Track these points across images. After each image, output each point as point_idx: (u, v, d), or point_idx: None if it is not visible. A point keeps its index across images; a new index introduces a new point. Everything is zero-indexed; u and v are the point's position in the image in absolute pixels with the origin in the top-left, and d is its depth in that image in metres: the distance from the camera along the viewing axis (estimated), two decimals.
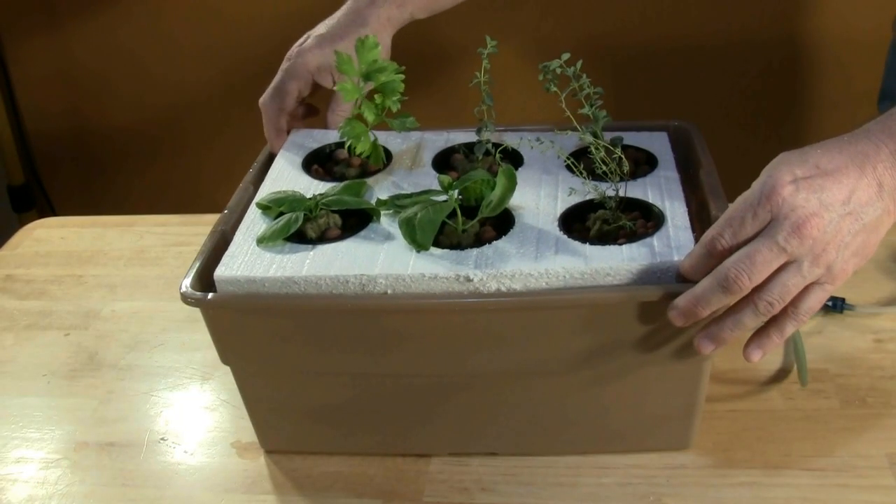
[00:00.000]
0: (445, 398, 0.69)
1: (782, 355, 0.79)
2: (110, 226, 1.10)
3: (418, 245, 0.67)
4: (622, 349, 0.65)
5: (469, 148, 0.80)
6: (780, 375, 0.77)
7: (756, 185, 0.61)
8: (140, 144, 1.99)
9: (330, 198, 0.73)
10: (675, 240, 0.66)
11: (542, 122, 0.82)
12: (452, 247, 0.67)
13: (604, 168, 0.70)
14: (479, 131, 0.79)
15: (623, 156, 0.70)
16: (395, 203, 0.72)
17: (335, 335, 0.66)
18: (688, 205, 0.70)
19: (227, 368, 0.70)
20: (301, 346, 0.67)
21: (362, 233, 0.70)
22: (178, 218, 1.10)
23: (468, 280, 0.64)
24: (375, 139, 0.80)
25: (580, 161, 0.74)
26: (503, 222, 0.70)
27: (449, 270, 0.64)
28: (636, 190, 0.72)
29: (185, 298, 0.65)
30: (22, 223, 1.24)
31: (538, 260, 0.65)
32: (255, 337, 0.67)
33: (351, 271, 0.65)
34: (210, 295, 0.65)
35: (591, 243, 0.66)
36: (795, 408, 0.73)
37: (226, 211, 0.75)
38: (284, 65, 0.87)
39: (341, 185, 0.76)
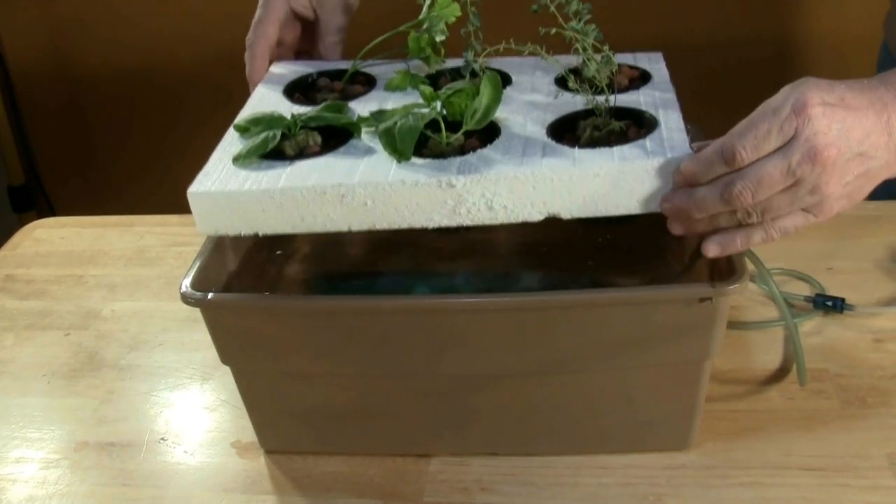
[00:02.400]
0: (445, 398, 0.69)
1: (781, 355, 0.79)
2: (110, 226, 1.10)
3: (399, 154, 0.65)
4: (622, 349, 0.65)
5: (456, 72, 0.79)
6: (780, 375, 0.77)
7: (780, 98, 0.60)
8: (141, 144, 1.99)
9: (309, 115, 0.71)
10: (670, 140, 0.64)
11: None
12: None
13: (595, 75, 0.68)
14: (466, 52, 0.76)
15: (616, 68, 0.68)
16: (377, 119, 0.70)
17: (335, 335, 0.66)
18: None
19: (227, 368, 0.70)
20: (301, 346, 0.67)
21: (342, 149, 0.68)
22: (178, 218, 1.09)
23: (451, 186, 0.62)
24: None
25: (572, 79, 0.72)
26: (489, 136, 0.68)
27: (430, 177, 0.62)
28: (629, 101, 0.71)
29: (185, 298, 0.65)
30: (22, 223, 1.24)
31: (524, 164, 0.63)
32: (255, 337, 0.67)
33: (329, 181, 0.63)
34: (210, 295, 0.65)
35: (581, 148, 0.65)
36: (795, 408, 0.73)
37: None
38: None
39: (321, 105, 0.75)
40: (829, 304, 0.82)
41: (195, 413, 0.80)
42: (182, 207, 1.11)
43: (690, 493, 0.67)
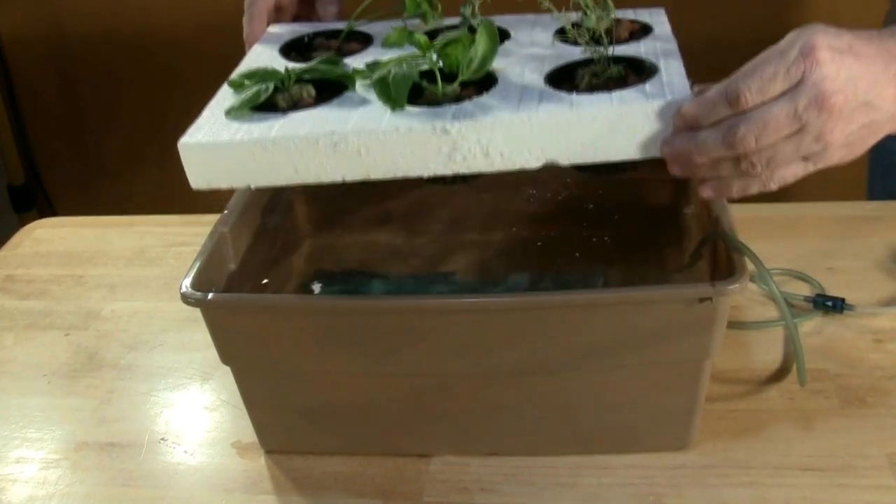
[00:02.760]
0: (445, 398, 0.69)
1: (781, 355, 0.79)
2: (110, 226, 1.10)
3: (393, 102, 0.64)
4: (622, 349, 0.65)
5: (454, 29, 0.77)
6: (780, 375, 0.77)
7: (787, 41, 0.59)
8: (141, 145, 1.99)
9: (303, 68, 0.70)
10: (670, 84, 0.63)
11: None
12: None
13: (595, 25, 0.66)
14: (463, 7, 0.75)
15: (615, 17, 0.67)
16: (372, 70, 0.69)
17: (335, 335, 0.66)
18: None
19: (227, 368, 0.70)
20: (301, 346, 0.67)
21: (336, 100, 0.67)
22: (178, 218, 1.09)
23: (445, 132, 0.61)
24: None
25: (570, 29, 0.70)
26: (486, 86, 0.67)
27: (425, 124, 0.62)
28: (630, 51, 0.70)
29: (186, 298, 0.65)
30: (22, 223, 1.24)
31: (520, 110, 0.62)
32: (255, 337, 0.67)
33: (321, 130, 0.62)
34: (210, 295, 0.65)
35: (579, 94, 0.64)
36: (795, 407, 0.73)
37: (226, 211, 0.75)
38: None
39: (316, 59, 0.74)
40: (829, 304, 0.82)
41: (195, 413, 0.80)
42: (182, 208, 1.12)
43: (690, 493, 0.67)
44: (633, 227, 0.86)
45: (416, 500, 0.69)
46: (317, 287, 0.83)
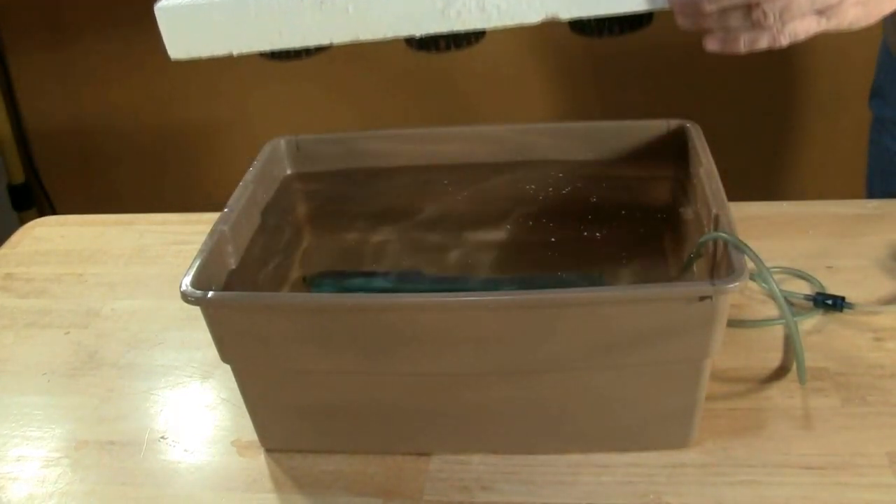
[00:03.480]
0: (445, 397, 0.69)
1: (781, 353, 0.79)
2: (110, 224, 1.10)
3: None
4: (622, 347, 0.65)
5: None
6: (780, 374, 0.77)
7: None
8: (140, 143, 1.99)
9: None
10: None
11: None
12: None
13: None
14: None
15: None
16: None
17: (335, 335, 0.66)
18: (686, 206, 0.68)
19: (227, 367, 0.70)
20: (301, 345, 0.67)
21: None
22: (178, 217, 1.10)
23: None
24: None
25: None
26: None
27: None
28: None
29: (186, 297, 0.65)
30: (22, 222, 1.24)
31: None
32: (255, 335, 0.67)
33: None
34: (210, 293, 0.65)
35: None
36: (795, 406, 0.73)
37: (226, 209, 0.75)
38: None
39: None
40: (830, 303, 0.82)
41: (195, 411, 0.80)
42: (183, 206, 1.12)
43: (690, 492, 0.67)
44: (632, 225, 0.86)
45: (416, 498, 0.69)
46: (317, 286, 0.83)
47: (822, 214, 0.97)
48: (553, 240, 0.87)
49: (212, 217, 0.74)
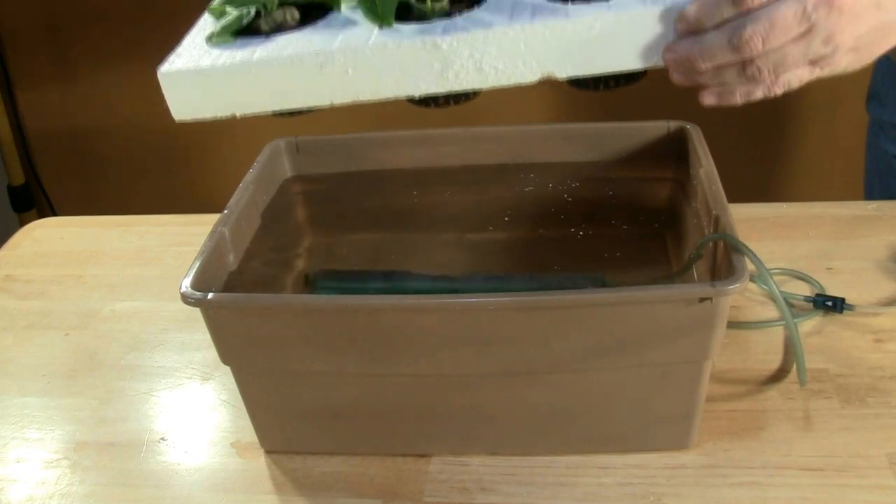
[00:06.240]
0: (445, 398, 0.69)
1: (781, 355, 0.79)
2: (110, 226, 1.10)
3: (380, 19, 0.61)
4: (622, 349, 0.65)
5: None
6: (780, 375, 0.77)
7: None
8: (140, 144, 1.99)
9: None
10: None
11: None
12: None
13: None
14: None
15: None
16: None
17: (335, 336, 0.66)
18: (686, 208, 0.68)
19: (227, 368, 0.70)
20: (301, 346, 0.67)
21: (321, 22, 0.65)
22: (178, 218, 1.09)
23: (436, 47, 0.59)
24: None
25: None
26: (477, 1, 0.65)
27: (414, 39, 0.59)
28: None
29: (186, 298, 0.65)
30: (22, 223, 1.24)
31: (514, 21, 0.60)
32: (255, 337, 0.67)
33: (306, 50, 0.60)
34: (210, 295, 0.65)
35: (574, 3, 0.61)
36: (795, 408, 0.73)
37: (226, 211, 0.75)
38: None
39: None
40: (829, 304, 0.82)
41: (195, 413, 0.80)
42: (182, 208, 1.12)
43: (690, 493, 0.67)
44: (632, 227, 0.86)
45: (416, 499, 0.69)
46: (318, 284, 0.83)
47: (822, 216, 0.97)
48: (553, 241, 0.87)
49: (212, 218, 0.74)
